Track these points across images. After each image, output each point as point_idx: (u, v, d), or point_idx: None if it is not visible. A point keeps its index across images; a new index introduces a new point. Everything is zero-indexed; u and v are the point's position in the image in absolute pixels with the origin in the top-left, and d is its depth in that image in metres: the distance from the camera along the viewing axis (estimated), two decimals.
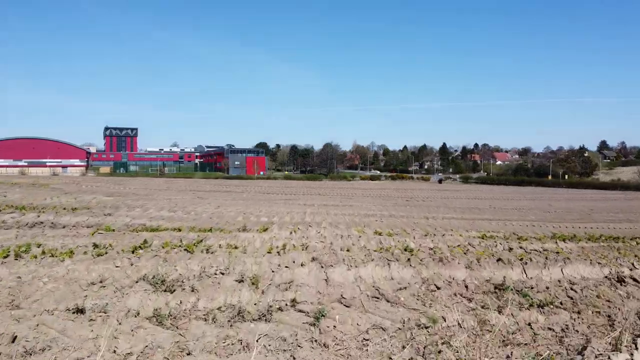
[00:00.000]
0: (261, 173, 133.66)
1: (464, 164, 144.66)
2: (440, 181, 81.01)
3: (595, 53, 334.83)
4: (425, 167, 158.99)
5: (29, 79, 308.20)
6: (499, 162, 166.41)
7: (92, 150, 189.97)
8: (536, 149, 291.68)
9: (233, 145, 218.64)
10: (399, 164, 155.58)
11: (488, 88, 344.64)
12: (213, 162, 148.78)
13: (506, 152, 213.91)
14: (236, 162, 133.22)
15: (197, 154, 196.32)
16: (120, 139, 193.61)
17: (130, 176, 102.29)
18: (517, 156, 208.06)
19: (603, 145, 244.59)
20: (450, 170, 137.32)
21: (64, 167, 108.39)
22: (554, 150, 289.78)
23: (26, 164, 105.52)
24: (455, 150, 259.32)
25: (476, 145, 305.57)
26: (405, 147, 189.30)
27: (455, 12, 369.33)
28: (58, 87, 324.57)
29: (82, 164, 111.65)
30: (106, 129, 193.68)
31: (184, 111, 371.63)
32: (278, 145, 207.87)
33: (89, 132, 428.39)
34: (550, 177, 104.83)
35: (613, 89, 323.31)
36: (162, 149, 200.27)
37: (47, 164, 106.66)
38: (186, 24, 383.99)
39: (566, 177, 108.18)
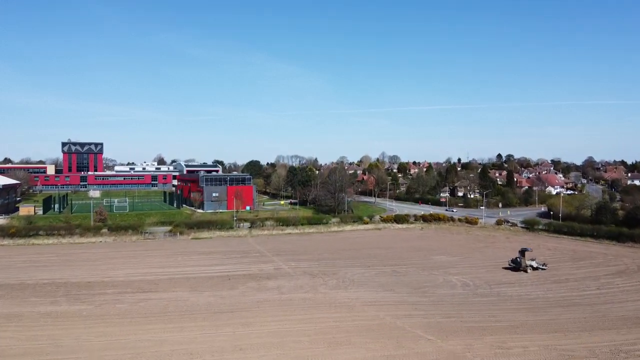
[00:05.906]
0: (247, 208, 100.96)
1: (512, 193, 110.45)
2: (523, 254, 48.29)
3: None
4: (460, 194, 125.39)
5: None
6: (549, 188, 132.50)
7: (50, 169, 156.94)
8: (559, 159, 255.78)
9: (222, 163, 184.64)
10: (425, 192, 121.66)
11: (496, 91, 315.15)
12: (188, 190, 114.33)
13: (556, 173, 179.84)
14: (214, 194, 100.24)
15: (176, 173, 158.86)
16: (81, 156, 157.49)
17: (49, 225, 70.33)
18: (562, 177, 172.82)
19: None
20: (500, 205, 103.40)
21: None
22: (591, 161, 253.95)
23: None
24: (480, 163, 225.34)
25: (499, 155, 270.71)
26: (430, 165, 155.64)
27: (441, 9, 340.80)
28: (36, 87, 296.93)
29: None
30: (64, 144, 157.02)
31: (177, 115, 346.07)
32: (273, 165, 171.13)
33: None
34: None
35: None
36: (133, 167, 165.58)
37: None
38: (185, 25, 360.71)
39: None
